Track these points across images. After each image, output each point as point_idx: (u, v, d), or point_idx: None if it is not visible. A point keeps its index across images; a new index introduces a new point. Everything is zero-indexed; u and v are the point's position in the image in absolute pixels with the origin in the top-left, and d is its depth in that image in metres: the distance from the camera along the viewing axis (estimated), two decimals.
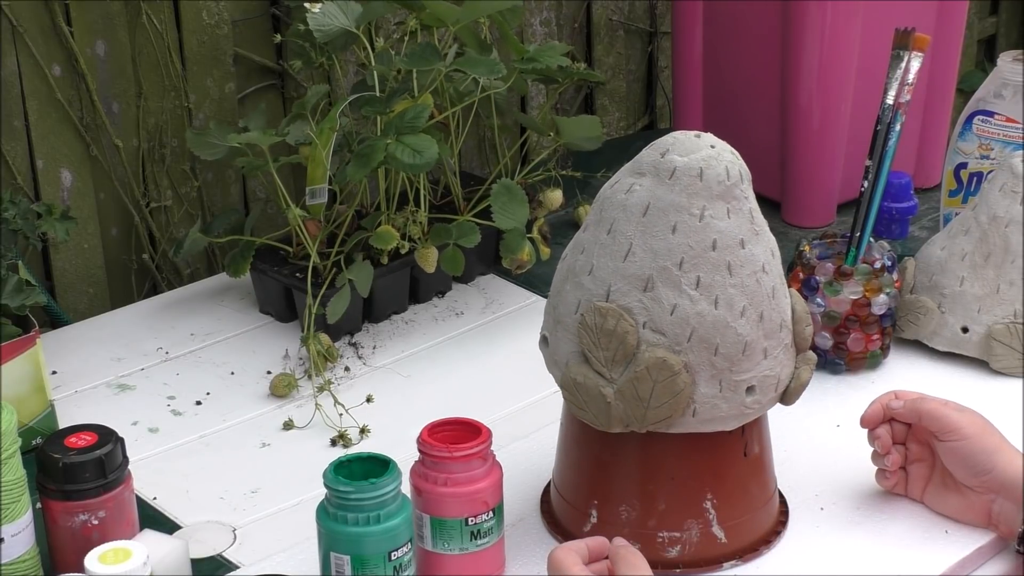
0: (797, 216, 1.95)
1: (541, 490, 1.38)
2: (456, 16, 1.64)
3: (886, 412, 1.35)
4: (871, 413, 1.35)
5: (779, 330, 1.24)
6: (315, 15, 1.62)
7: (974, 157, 1.77)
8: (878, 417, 1.35)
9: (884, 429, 1.35)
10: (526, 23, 2.16)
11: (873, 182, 1.57)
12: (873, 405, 1.36)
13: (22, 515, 1.23)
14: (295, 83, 1.96)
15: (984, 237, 1.57)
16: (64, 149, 1.80)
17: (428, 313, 1.74)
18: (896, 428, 1.35)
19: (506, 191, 1.66)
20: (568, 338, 1.24)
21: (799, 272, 1.57)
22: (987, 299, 1.57)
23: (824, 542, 1.32)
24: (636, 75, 2.34)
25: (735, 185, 1.21)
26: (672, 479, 1.26)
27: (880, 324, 1.57)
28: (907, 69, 1.57)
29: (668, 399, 1.20)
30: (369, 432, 1.50)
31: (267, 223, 1.94)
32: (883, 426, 1.35)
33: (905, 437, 1.36)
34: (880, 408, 1.35)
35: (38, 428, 1.46)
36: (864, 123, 1.73)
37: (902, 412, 1.34)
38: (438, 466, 1.23)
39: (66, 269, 1.84)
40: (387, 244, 1.64)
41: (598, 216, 1.24)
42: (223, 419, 1.54)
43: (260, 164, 1.66)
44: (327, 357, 1.60)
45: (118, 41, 1.81)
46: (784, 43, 1.87)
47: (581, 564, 1.17)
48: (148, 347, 1.67)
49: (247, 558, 1.32)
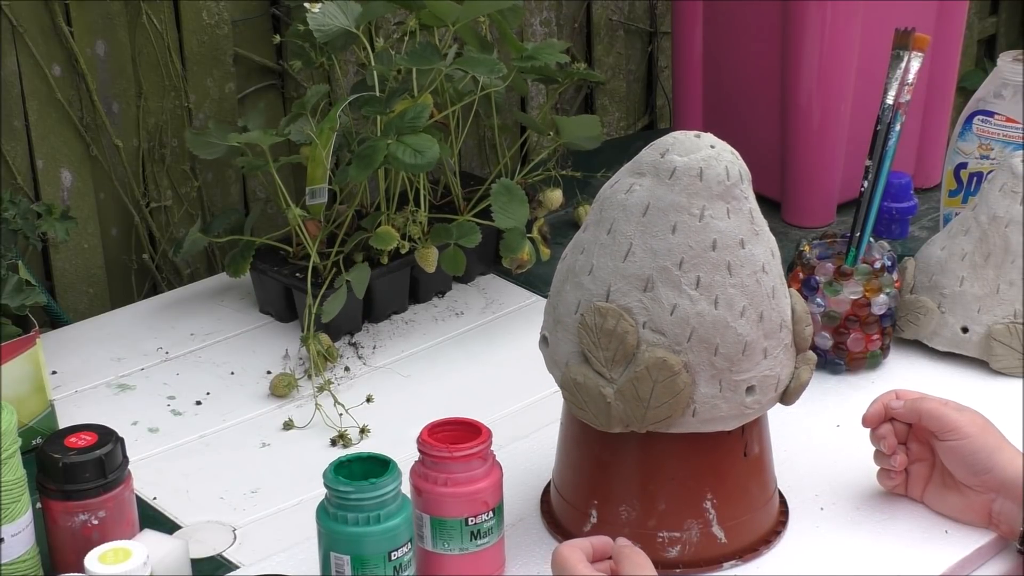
0: (797, 216, 1.95)
1: (541, 490, 1.38)
2: (455, 15, 1.64)
3: (887, 412, 1.35)
4: (872, 413, 1.35)
5: (779, 330, 1.24)
6: (315, 15, 1.62)
7: (974, 157, 1.77)
8: (879, 416, 1.35)
9: (888, 429, 1.35)
10: (526, 23, 2.16)
11: (873, 182, 1.57)
12: (874, 404, 1.36)
13: (22, 515, 1.23)
14: (295, 83, 1.96)
15: (984, 237, 1.56)
16: (64, 149, 1.80)
17: (428, 313, 1.74)
18: (897, 428, 1.35)
19: (506, 191, 1.66)
20: (568, 338, 1.24)
21: (799, 272, 1.57)
22: (987, 299, 1.57)
23: (824, 542, 1.32)
24: (636, 75, 2.34)
25: (735, 185, 1.21)
26: (672, 479, 1.26)
27: (880, 324, 1.57)
28: (907, 69, 1.57)
29: (668, 399, 1.20)
30: (369, 432, 1.50)
31: (267, 223, 1.94)
32: (886, 425, 1.35)
33: (906, 437, 1.36)
34: (881, 407, 1.35)
35: (38, 428, 1.46)
36: (864, 123, 1.73)
37: (902, 412, 1.34)
38: (438, 466, 1.23)
39: (66, 269, 1.84)
40: (387, 244, 1.64)
41: (598, 216, 1.24)
42: (223, 419, 1.54)
43: (260, 164, 1.66)
44: (327, 357, 1.60)
45: (118, 41, 1.81)
46: (784, 43, 1.87)
47: (586, 562, 1.17)
48: (148, 347, 1.67)
49: (247, 558, 1.32)
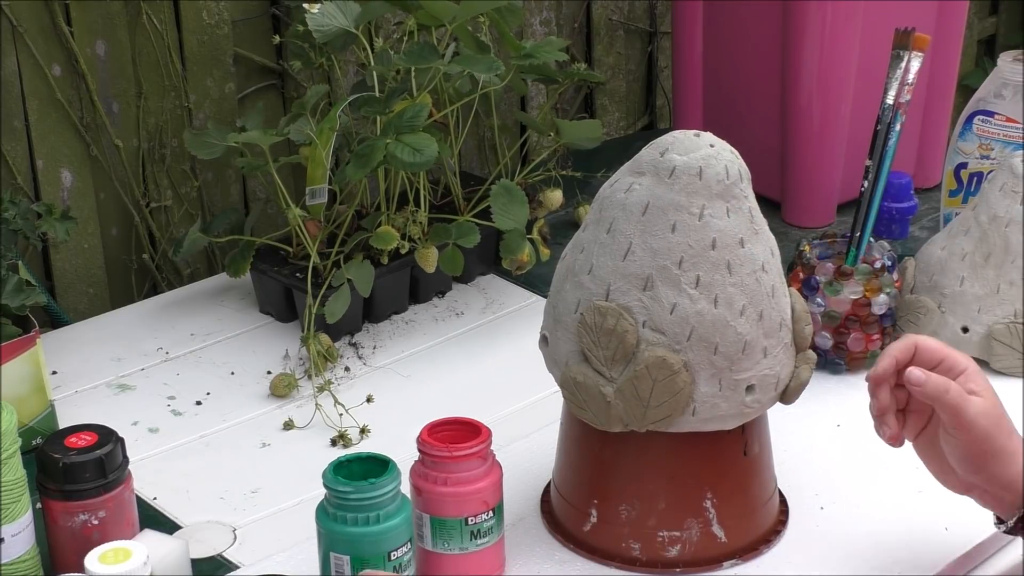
0: (797, 216, 1.95)
1: (541, 490, 1.38)
2: (452, 14, 1.64)
3: (900, 377, 1.21)
4: (881, 371, 1.21)
5: (779, 329, 1.24)
6: (314, 15, 1.62)
7: (974, 157, 1.77)
8: (888, 375, 1.21)
9: (885, 391, 1.21)
10: (526, 23, 2.16)
11: (873, 182, 1.57)
12: (885, 360, 1.21)
13: (22, 515, 1.23)
14: (295, 83, 1.96)
15: (984, 237, 1.56)
16: (64, 149, 1.80)
17: (428, 313, 1.74)
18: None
19: (506, 191, 1.66)
20: (568, 337, 1.24)
21: (799, 272, 1.57)
22: (987, 299, 1.57)
23: (824, 542, 1.32)
24: (636, 75, 2.34)
25: (734, 184, 1.21)
26: (672, 478, 1.26)
27: (880, 324, 1.57)
28: (907, 69, 1.57)
29: (668, 398, 1.20)
30: (369, 432, 1.50)
31: (267, 223, 1.94)
32: (885, 391, 1.21)
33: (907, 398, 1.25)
34: (892, 364, 1.21)
35: (38, 428, 1.46)
36: (864, 123, 1.73)
37: (920, 393, 1.20)
38: (438, 466, 1.23)
39: (66, 269, 1.84)
40: (387, 244, 1.64)
41: (598, 215, 1.24)
42: (223, 419, 1.54)
43: (260, 164, 1.66)
44: (327, 357, 1.60)
45: (118, 41, 1.81)
46: (784, 43, 1.87)
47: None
48: (148, 347, 1.67)
49: (247, 558, 1.32)
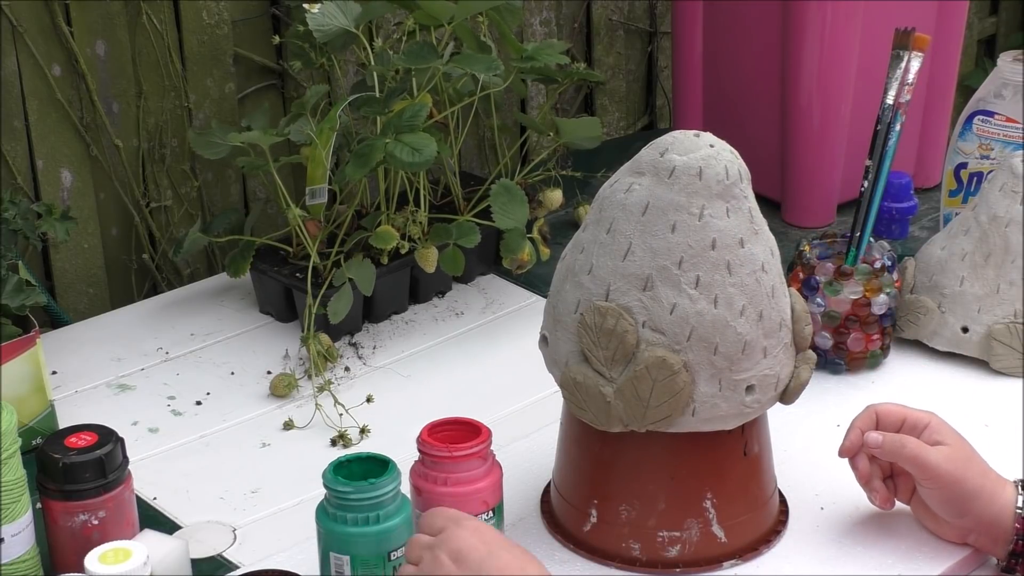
0: (797, 216, 1.94)
1: (541, 490, 1.38)
2: (450, 13, 1.64)
3: (865, 446, 1.29)
4: (849, 444, 1.30)
5: (778, 329, 1.24)
6: (314, 15, 1.62)
7: (974, 157, 1.77)
8: (856, 447, 1.30)
9: (863, 460, 1.30)
10: (526, 23, 2.16)
11: (873, 182, 1.57)
12: (851, 433, 1.30)
13: (22, 515, 1.23)
14: (295, 83, 1.96)
15: (984, 237, 1.56)
16: (64, 149, 1.80)
17: (428, 313, 1.74)
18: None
19: (506, 191, 1.66)
20: (568, 337, 1.24)
21: (799, 272, 1.57)
22: (987, 299, 1.57)
23: (824, 542, 1.32)
24: (636, 75, 2.34)
25: (734, 184, 1.21)
26: (672, 478, 1.26)
27: (880, 324, 1.56)
28: (907, 69, 1.57)
29: (668, 398, 1.20)
30: (369, 432, 1.50)
31: (267, 223, 1.94)
32: (862, 458, 1.30)
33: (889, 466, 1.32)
34: (859, 436, 1.30)
35: (38, 428, 1.46)
36: (864, 123, 1.73)
37: (881, 454, 1.29)
38: (438, 466, 1.23)
39: (66, 269, 1.84)
40: (387, 244, 1.64)
41: (597, 215, 1.24)
42: (223, 419, 1.54)
43: (260, 164, 1.66)
44: (327, 357, 1.60)
45: (118, 41, 1.81)
46: (784, 43, 1.87)
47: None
48: (148, 347, 1.67)
49: (247, 558, 1.32)
